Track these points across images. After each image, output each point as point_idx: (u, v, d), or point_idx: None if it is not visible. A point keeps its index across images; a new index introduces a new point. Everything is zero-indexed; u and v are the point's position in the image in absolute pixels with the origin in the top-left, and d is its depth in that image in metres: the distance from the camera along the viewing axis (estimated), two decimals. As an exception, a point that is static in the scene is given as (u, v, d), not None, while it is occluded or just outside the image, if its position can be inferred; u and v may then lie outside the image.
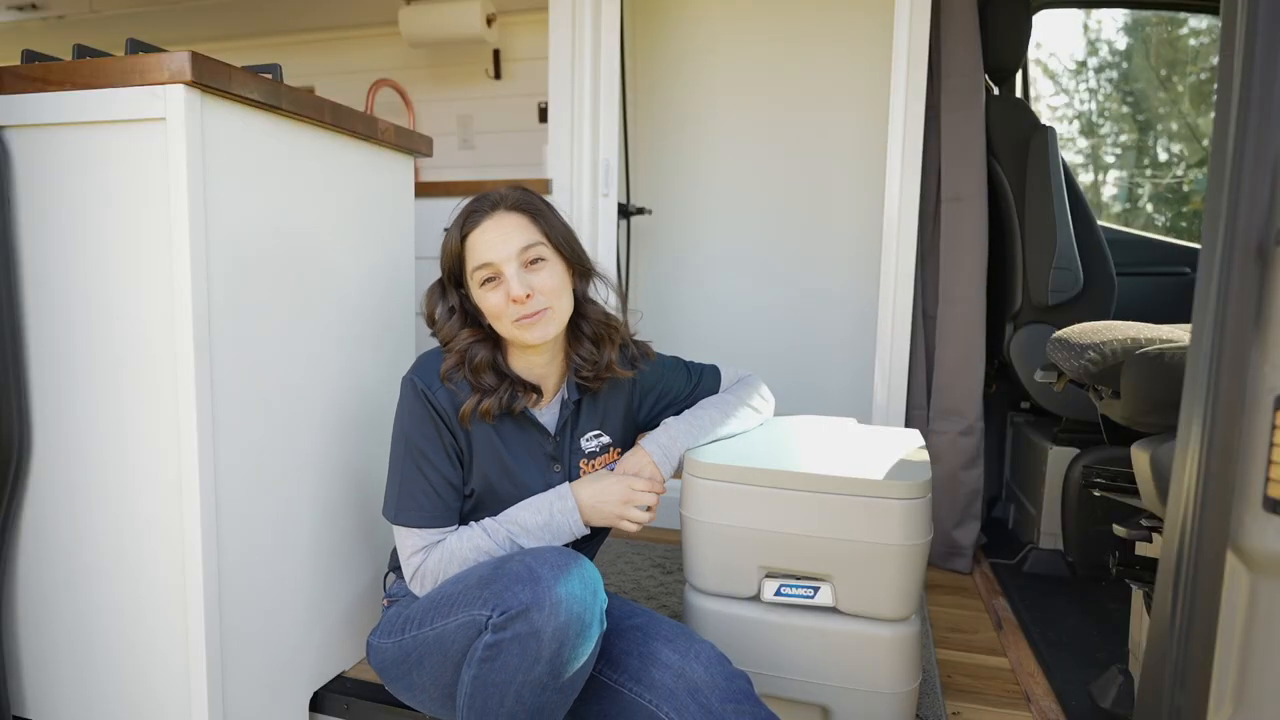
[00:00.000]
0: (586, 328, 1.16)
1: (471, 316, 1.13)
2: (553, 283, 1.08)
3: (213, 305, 1.07)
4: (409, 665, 1.07)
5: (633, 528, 1.14)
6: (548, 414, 1.17)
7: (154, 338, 1.06)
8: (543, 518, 1.11)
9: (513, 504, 1.13)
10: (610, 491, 1.13)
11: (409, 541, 1.10)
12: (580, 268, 1.14)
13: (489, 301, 1.07)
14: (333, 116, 1.26)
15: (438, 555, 1.09)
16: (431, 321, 1.15)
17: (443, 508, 1.10)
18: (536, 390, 1.13)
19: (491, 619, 0.93)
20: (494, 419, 1.11)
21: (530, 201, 1.11)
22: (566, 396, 1.17)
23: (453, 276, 1.13)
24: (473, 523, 1.12)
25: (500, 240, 1.06)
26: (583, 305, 1.16)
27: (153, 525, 1.10)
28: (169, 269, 1.04)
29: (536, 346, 1.10)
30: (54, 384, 1.13)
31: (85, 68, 1.04)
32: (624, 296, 1.23)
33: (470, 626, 0.97)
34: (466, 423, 1.09)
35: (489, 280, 1.07)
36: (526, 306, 1.05)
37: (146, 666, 1.13)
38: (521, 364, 1.14)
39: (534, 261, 1.07)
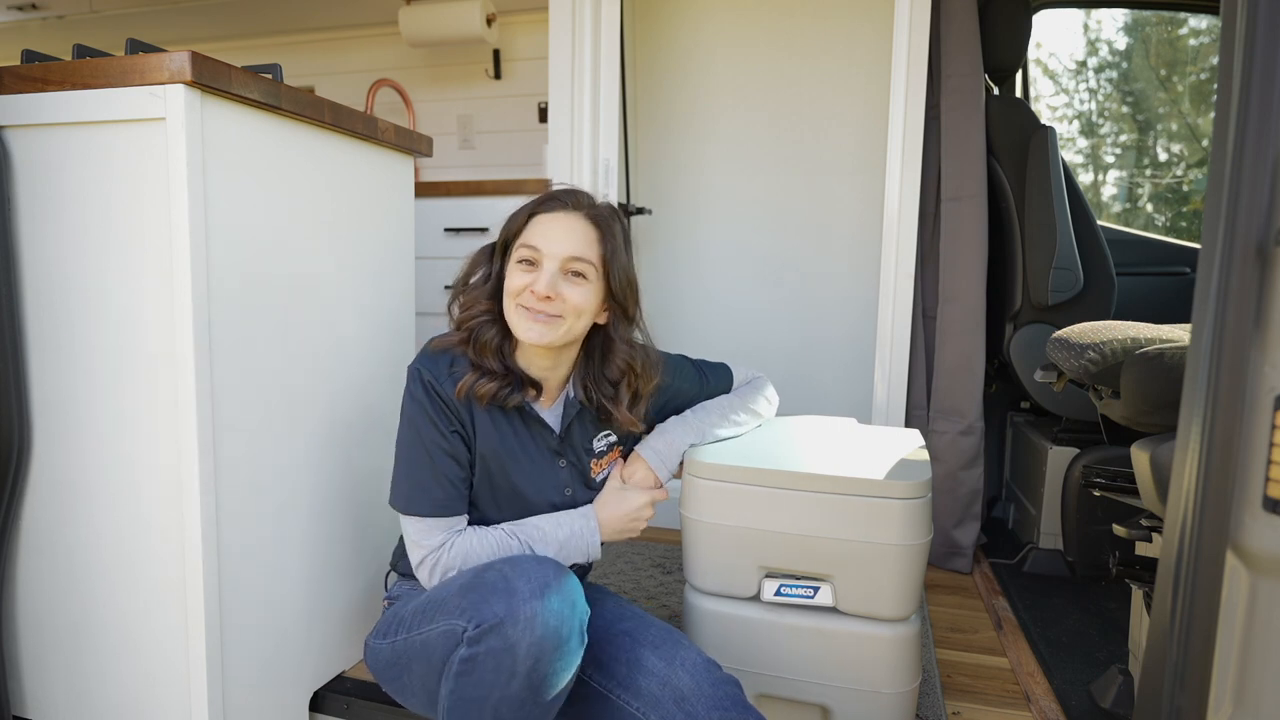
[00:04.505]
0: (604, 359, 1.16)
1: (498, 289, 1.13)
2: (579, 302, 1.06)
3: (212, 305, 1.07)
4: (399, 668, 1.07)
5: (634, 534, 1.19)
6: (551, 413, 1.17)
7: (154, 338, 1.06)
8: (564, 533, 1.11)
9: (511, 497, 1.13)
10: (631, 508, 1.16)
11: (419, 529, 1.08)
12: (620, 308, 1.13)
13: (515, 278, 1.07)
14: (333, 116, 1.26)
15: (456, 552, 1.07)
16: (463, 284, 1.15)
17: (454, 495, 1.09)
18: (536, 386, 1.13)
19: (467, 631, 0.92)
20: (487, 405, 1.09)
21: (608, 222, 1.10)
22: (572, 395, 1.16)
23: (505, 245, 1.13)
24: (493, 526, 1.11)
25: (560, 235, 1.06)
26: (610, 341, 1.15)
27: (153, 525, 1.10)
28: (169, 269, 1.04)
29: (535, 346, 1.08)
30: (54, 384, 1.13)
31: (85, 68, 1.04)
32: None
33: (449, 636, 0.96)
34: (461, 397, 1.08)
35: (526, 262, 1.07)
36: (542, 305, 1.05)
37: (146, 666, 1.13)
38: (524, 358, 1.13)
39: (575, 274, 1.07)
